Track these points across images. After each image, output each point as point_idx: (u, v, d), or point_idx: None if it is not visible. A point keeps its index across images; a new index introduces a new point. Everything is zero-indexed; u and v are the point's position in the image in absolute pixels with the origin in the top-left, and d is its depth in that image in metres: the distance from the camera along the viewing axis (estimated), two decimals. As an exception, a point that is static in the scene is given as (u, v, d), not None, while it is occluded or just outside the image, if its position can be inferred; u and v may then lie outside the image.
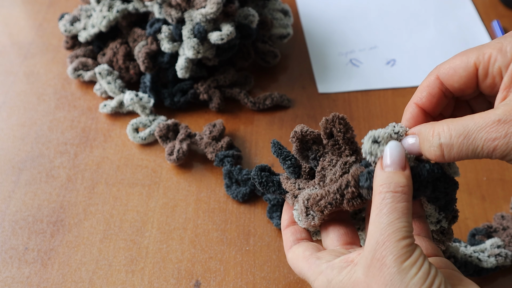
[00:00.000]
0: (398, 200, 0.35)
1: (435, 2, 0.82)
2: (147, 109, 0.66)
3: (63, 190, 0.60)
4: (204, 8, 0.61)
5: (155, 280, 0.53)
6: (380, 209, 0.35)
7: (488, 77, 0.36)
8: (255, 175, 0.44)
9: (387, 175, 0.36)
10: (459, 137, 0.34)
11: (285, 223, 0.44)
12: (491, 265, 0.50)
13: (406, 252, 0.34)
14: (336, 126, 0.40)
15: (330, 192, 0.39)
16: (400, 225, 0.34)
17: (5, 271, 0.53)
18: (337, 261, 0.37)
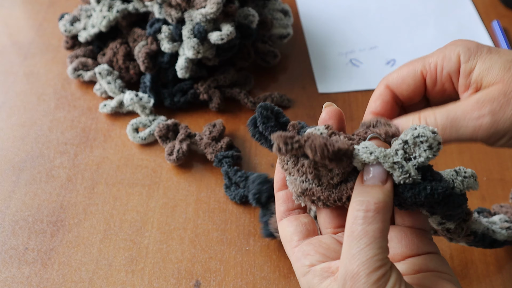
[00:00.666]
0: (370, 221, 0.33)
1: (435, 2, 0.82)
2: (147, 109, 0.66)
3: (63, 190, 0.60)
4: (204, 8, 0.61)
5: (155, 280, 0.53)
6: (351, 230, 0.33)
7: (437, 84, 0.39)
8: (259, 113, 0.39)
9: (362, 189, 0.34)
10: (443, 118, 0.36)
11: (277, 184, 0.41)
12: (503, 237, 0.49)
13: (377, 280, 0.32)
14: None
15: (329, 199, 0.37)
16: (372, 253, 0.32)
17: (5, 271, 0.53)
18: (318, 269, 0.36)
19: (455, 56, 0.38)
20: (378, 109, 0.41)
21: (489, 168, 0.61)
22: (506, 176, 0.61)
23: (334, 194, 0.37)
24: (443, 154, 0.63)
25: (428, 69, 0.39)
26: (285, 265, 0.53)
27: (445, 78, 0.39)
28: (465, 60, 0.37)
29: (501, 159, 0.62)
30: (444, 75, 0.39)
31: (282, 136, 0.34)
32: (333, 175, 0.36)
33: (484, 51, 0.37)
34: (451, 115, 0.36)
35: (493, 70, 0.36)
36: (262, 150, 0.63)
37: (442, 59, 0.38)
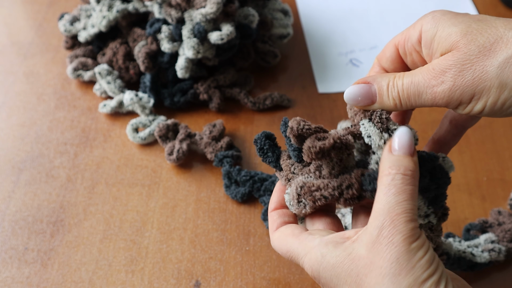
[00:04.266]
0: (408, 182, 0.35)
1: (435, 2, 0.82)
2: (147, 109, 0.66)
3: (63, 190, 0.60)
4: (204, 8, 0.61)
5: (155, 280, 0.53)
6: (388, 189, 0.35)
7: (407, 56, 0.40)
8: (259, 139, 0.43)
9: (396, 158, 0.36)
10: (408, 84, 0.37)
11: (273, 205, 0.43)
12: (485, 260, 0.50)
13: (414, 234, 0.33)
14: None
15: (328, 187, 0.38)
16: (409, 206, 0.34)
17: (5, 271, 0.53)
18: (331, 236, 0.37)
19: (418, 26, 0.38)
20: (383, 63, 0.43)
21: (489, 168, 0.61)
22: (506, 176, 0.61)
23: (334, 182, 0.38)
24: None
25: (399, 41, 0.40)
26: (285, 265, 0.53)
27: (410, 49, 0.39)
28: (426, 29, 0.37)
29: (501, 159, 0.62)
30: (409, 47, 0.39)
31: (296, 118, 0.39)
32: (333, 164, 0.38)
33: (447, 17, 0.37)
34: (415, 81, 0.37)
35: (451, 36, 0.35)
36: (262, 150, 0.63)
37: (410, 30, 0.39)
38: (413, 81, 0.37)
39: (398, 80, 0.38)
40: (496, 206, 0.58)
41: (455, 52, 0.35)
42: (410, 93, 0.37)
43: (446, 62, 0.35)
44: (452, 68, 0.35)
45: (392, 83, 0.38)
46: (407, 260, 0.33)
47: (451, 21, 0.36)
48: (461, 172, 0.61)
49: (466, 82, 0.34)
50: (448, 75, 0.35)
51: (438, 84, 0.35)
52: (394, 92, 0.38)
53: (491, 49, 0.34)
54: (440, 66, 0.35)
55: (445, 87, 0.35)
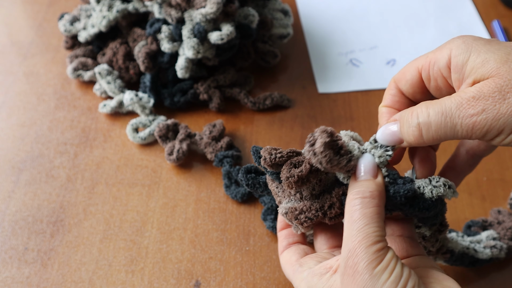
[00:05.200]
0: (367, 205, 0.36)
1: (435, 2, 0.82)
2: (147, 109, 0.66)
3: (63, 190, 0.60)
4: (204, 8, 0.61)
5: (155, 280, 0.53)
6: (350, 216, 0.36)
7: (431, 81, 0.38)
8: (242, 177, 0.43)
9: (357, 183, 0.37)
10: (437, 115, 0.34)
11: (280, 225, 0.45)
12: (486, 256, 0.50)
13: (377, 257, 0.34)
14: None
15: (311, 209, 0.39)
16: (370, 230, 0.35)
17: (5, 271, 0.53)
18: (316, 268, 0.38)
19: (447, 50, 0.36)
20: (387, 102, 0.42)
21: (489, 168, 0.61)
22: (506, 176, 0.61)
23: (316, 203, 0.39)
24: (443, 154, 0.63)
25: (423, 64, 0.38)
26: (285, 265, 0.54)
27: (436, 73, 0.37)
28: (457, 54, 0.35)
29: (501, 159, 0.62)
30: (435, 71, 0.37)
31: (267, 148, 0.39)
32: (313, 186, 0.39)
33: (480, 43, 0.35)
34: (446, 111, 0.34)
35: (488, 63, 0.33)
36: (262, 150, 0.63)
37: (437, 53, 0.37)
38: (443, 110, 0.34)
39: (422, 113, 0.35)
40: (496, 206, 0.58)
41: (496, 79, 0.32)
42: (439, 125, 0.34)
43: (487, 89, 0.32)
44: (495, 96, 0.32)
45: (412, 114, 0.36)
46: (372, 286, 0.34)
47: (485, 47, 0.34)
48: (461, 172, 0.61)
49: (510, 110, 0.32)
50: (490, 102, 0.32)
51: (478, 112, 0.32)
52: (413, 125, 0.36)
53: None
54: (480, 93, 0.33)
55: (488, 116, 0.32)
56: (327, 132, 0.37)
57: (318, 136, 0.37)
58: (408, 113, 0.36)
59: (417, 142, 0.36)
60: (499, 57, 0.33)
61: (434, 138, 0.35)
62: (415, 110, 0.36)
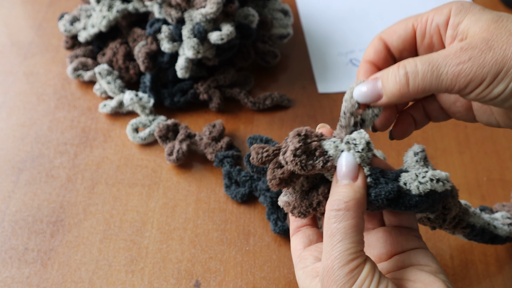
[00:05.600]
0: (342, 219, 0.35)
1: (435, 2, 0.82)
2: (147, 109, 0.66)
3: (63, 190, 0.60)
4: (204, 8, 0.61)
5: (155, 280, 0.53)
6: (326, 229, 0.36)
7: (426, 37, 0.39)
8: (247, 164, 0.43)
9: (334, 190, 0.37)
10: (424, 64, 0.35)
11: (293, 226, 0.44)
12: (505, 233, 0.49)
13: (351, 278, 0.34)
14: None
15: (302, 205, 0.40)
16: (343, 247, 0.34)
17: (5, 271, 0.53)
18: (309, 270, 0.39)
19: (446, 9, 0.38)
20: (371, 57, 0.41)
21: (489, 168, 0.61)
22: (506, 176, 0.61)
23: (306, 200, 0.39)
24: (443, 154, 0.63)
25: (419, 21, 0.39)
26: (285, 265, 0.53)
27: (433, 30, 0.39)
28: (456, 13, 0.37)
29: (501, 159, 0.62)
30: (433, 27, 0.39)
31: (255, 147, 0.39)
32: (302, 182, 0.39)
33: (477, 8, 0.37)
34: (433, 62, 0.35)
35: (480, 22, 0.36)
36: (262, 150, 0.63)
37: (434, 13, 0.39)
38: (430, 61, 0.35)
39: (409, 63, 0.35)
40: (496, 206, 0.58)
41: (484, 33, 0.35)
42: (425, 73, 0.35)
43: (475, 41, 0.34)
44: (482, 46, 0.34)
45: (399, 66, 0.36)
46: None
47: (480, 11, 0.37)
48: (461, 172, 0.61)
49: (495, 60, 0.33)
50: (477, 50, 0.34)
51: (465, 60, 0.34)
52: (400, 74, 0.36)
53: None
54: (468, 44, 0.34)
55: (473, 63, 0.34)
56: (300, 136, 0.36)
57: (290, 142, 0.37)
58: (394, 66, 0.36)
59: (401, 93, 0.36)
60: (490, 17, 0.36)
61: (420, 87, 0.35)
62: (402, 62, 0.36)
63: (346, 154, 0.37)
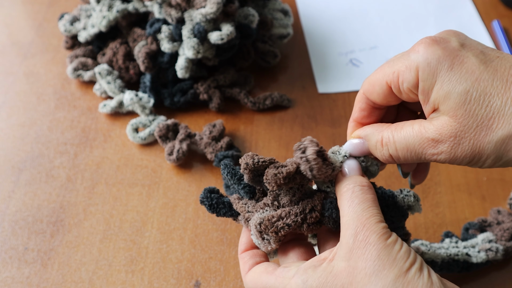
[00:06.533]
0: (367, 192, 0.37)
1: (435, 2, 0.82)
2: (147, 109, 0.66)
3: (63, 190, 0.60)
4: (204, 8, 0.61)
5: (155, 280, 0.53)
6: (352, 201, 0.37)
7: (403, 94, 0.39)
8: (204, 197, 0.42)
9: (350, 177, 0.39)
10: (403, 150, 0.37)
11: (242, 247, 0.43)
12: (481, 260, 0.50)
13: (387, 232, 0.35)
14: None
15: (291, 214, 0.39)
16: (375, 211, 0.36)
17: (5, 271, 0.53)
18: (308, 262, 0.37)
19: (414, 69, 0.36)
20: (355, 116, 0.42)
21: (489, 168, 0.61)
22: (506, 176, 0.61)
23: (296, 208, 0.39)
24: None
25: (391, 78, 0.38)
26: (285, 265, 0.53)
27: (407, 90, 0.38)
28: (423, 77, 0.36)
29: (501, 159, 0.62)
30: (405, 88, 0.38)
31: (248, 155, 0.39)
32: (294, 191, 0.40)
33: (444, 68, 0.35)
34: (410, 147, 0.37)
35: (449, 100, 0.35)
36: (262, 150, 0.63)
37: (404, 69, 0.37)
38: (408, 148, 0.37)
39: (390, 146, 0.38)
40: (496, 206, 0.58)
41: (453, 121, 0.35)
42: (407, 157, 0.38)
43: (444, 133, 0.35)
44: (451, 140, 0.35)
45: (382, 143, 0.39)
46: (387, 254, 0.34)
47: (449, 76, 0.35)
48: (461, 172, 0.61)
49: (464, 154, 0.35)
50: (447, 146, 0.35)
51: (438, 153, 0.36)
52: (385, 153, 0.39)
53: (488, 124, 0.34)
54: (438, 137, 0.36)
55: (445, 156, 0.36)
56: (315, 142, 0.38)
57: (308, 144, 0.38)
58: (378, 139, 0.39)
59: (389, 163, 0.40)
60: (458, 96, 0.35)
61: (405, 162, 0.39)
62: (384, 139, 0.38)
63: (350, 160, 0.40)
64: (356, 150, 0.40)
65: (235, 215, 0.42)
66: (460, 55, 0.36)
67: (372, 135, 0.40)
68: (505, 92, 0.34)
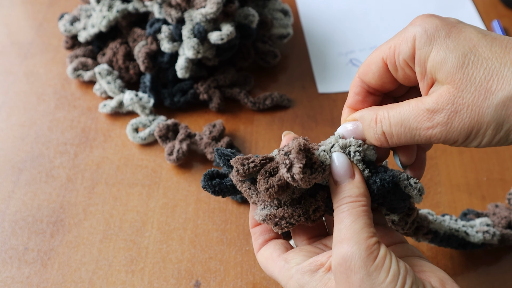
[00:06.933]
0: (354, 206, 0.36)
1: (435, 2, 0.82)
2: (147, 109, 0.66)
3: (63, 190, 0.60)
4: (204, 8, 0.61)
5: (155, 280, 0.53)
6: (340, 219, 0.36)
7: (399, 70, 0.37)
8: (206, 185, 0.40)
9: (339, 190, 0.37)
10: (397, 125, 0.35)
11: (253, 221, 0.42)
12: (478, 240, 0.50)
13: (371, 254, 0.34)
14: None
15: (293, 215, 0.39)
16: (358, 226, 0.34)
17: (5, 271, 0.53)
18: (306, 265, 0.37)
19: (410, 39, 0.35)
20: (350, 101, 0.40)
21: (489, 168, 0.61)
22: (506, 176, 0.61)
23: (299, 209, 0.39)
24: (443, 154, 0.63)
25: (387, 54, 0.36)
26: (285, 265, 0.53)
27: (403, 63, 0.36)
28: (420, 45, 0.34)
29: (501, 159, 0.62)
30: (401, 61, 0.36)
31: (239, 159, 0.38)
32: (293, 190, 0.38)
33: (442, 35, 0.34)
34: (405, 123, 0.35)
35: (446, 64, 0.33)
36: (262, 150, 0.63)
37: (400, 41, 0.35)
38: (403, 122, 0.35)
39: (384, 123, 0.36)
40: (496, 206, 0.58)
41: (450, 88, 0.33)
42: (400, 134, 0.35)
43: (441, 101, 0.33)
44: (448, 108, 0.33)
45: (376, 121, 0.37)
46: (370, 286, 0.33)
47: (446, 42, 0.34)
48: (461, 172, 0.61)
49: (462, 125, 0.33)
50: (443, 116, 0.33)
51: (433, 126, 0.34)
52: (378, 130, 0.37)
53: (487, 87, 0.32)
54: (434, 106, 0.33)
55: (441, 129, 0.34)
56: (303, 150, 0.36)
57: (294, 158, 0.36)
58: (372, 118, 0.37)
59: (382, 145, 0.37)
60: (456, 59, 0.33)
61: (398, 144, 0.36)
62: (379, 116, 0.36)
63: (337, 155, 0.38)
64: (349, 134, 0.38)
65: (241, 194, 0.42)
66: (458, 26, 0.34)
67: (367, 115, 0.37)
68: (504, 55, 0.32)
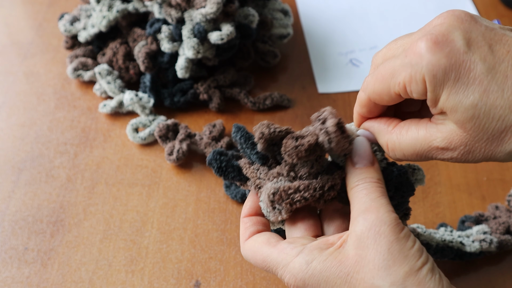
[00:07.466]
0: (376, 186, 0.36)
1: (435, 2, 0.82)
2: (147, 109, 0.66)
3: (63, 190, 0.60)
4: (204, 8, 0.61)
5: (155, 280, 0.53)
6: (363, 193, 0.36)
7: (413, 102, 0.39)
8: (213, 159, 0.40)
9: (359, 171, 0.37)
10: (411, 155, 0.37)
11: (246, 211, 0.41)
12: (475, 249, 0.50)
13: (399, 224, 0.34)
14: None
15: (310, 188, 0.37)
16: (384, 201, 0.35)
17: (5, 271, 0.53)
18: (315, 243, 0.36)
19: (420, 81, 0.35)
20: (364, 111, 0.42)
21: (489, 168, 0.61)
22: (506, 176, 0.61)
23: (315, 183, 0.38)
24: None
25: (398, 89, 0.36)
26: (285, 265, 0.53)
27: (416, 97, 0.37)
28: (431, 89, 0.34)
29: (501, 159, 0.62)
30: (415, 97, 0.36)
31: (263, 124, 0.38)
32: (312, 163, 0.38)
33: (451, 79, 0.33)
34: (419, 153, 0.36)
35: (455, 113, 0.34)
36: (262, 150, 0.63)
37: (409, 80, 0.35)
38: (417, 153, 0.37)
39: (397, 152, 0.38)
40: (496, 206, 0.58)
41: (462, 132, 0.34)
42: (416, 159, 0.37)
43: (453, 142, 0.35)
44: (461, 149, 0.35)
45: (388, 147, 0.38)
46: (399, 249, 0.33)
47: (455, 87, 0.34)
48: (461, 172, 0.61)
49: (475, 160, 0.35)
50: (457, 153, 0.35)
51: (448, 158, 0.36)
52: (392, 156, 0.38)
53: (500, 137, 0.33)
54: (447, 146, 0.35)
55: (455, 160, 0.36)
56: (335, 113, 0.37)
57: (328, 115, 0.37)
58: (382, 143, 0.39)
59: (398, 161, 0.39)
60: (466, 109, 0.33)
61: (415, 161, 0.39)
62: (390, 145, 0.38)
63: (362, 140, 0.38)
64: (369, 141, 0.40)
65: (244, 180, 0.41)
66: (466, 61, 0.33)
67: (379, 134, 0.39)
68: None
